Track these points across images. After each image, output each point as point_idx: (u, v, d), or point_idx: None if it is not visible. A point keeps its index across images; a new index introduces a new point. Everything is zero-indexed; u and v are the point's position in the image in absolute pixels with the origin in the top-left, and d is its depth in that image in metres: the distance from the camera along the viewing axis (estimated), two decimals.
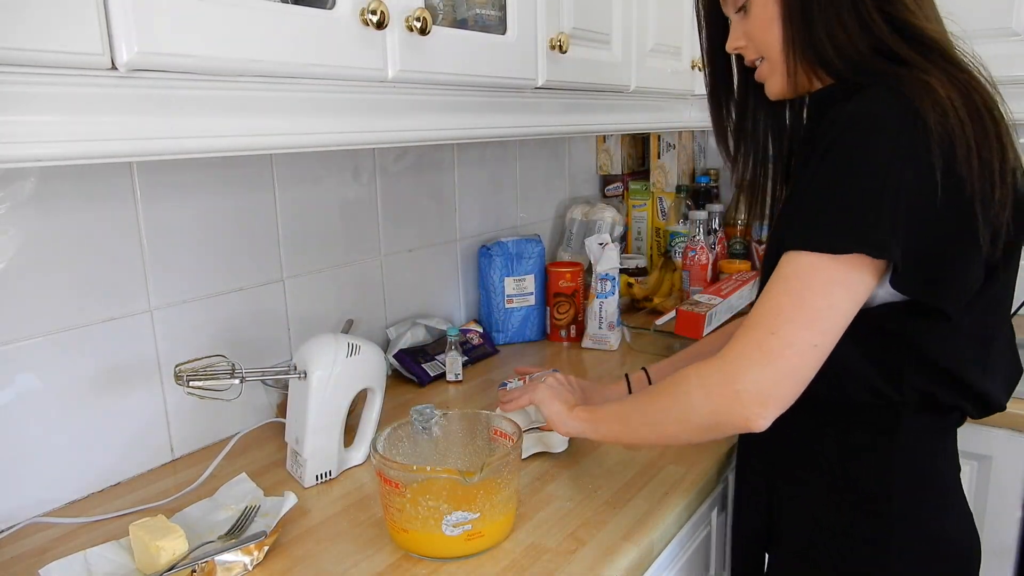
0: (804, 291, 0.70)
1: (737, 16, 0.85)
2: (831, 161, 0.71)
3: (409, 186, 1.46)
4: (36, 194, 0.92)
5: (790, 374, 0.71)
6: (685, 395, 0.77)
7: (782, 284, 0.71)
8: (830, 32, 0.76)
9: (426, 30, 0.86)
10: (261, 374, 1.01)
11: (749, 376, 0.71)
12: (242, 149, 0.75)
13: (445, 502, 0.82)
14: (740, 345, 0.72)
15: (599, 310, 1.57)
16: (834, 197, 0.70)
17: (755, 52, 0.85)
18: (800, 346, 0.70)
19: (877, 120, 0.70)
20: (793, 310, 0.70)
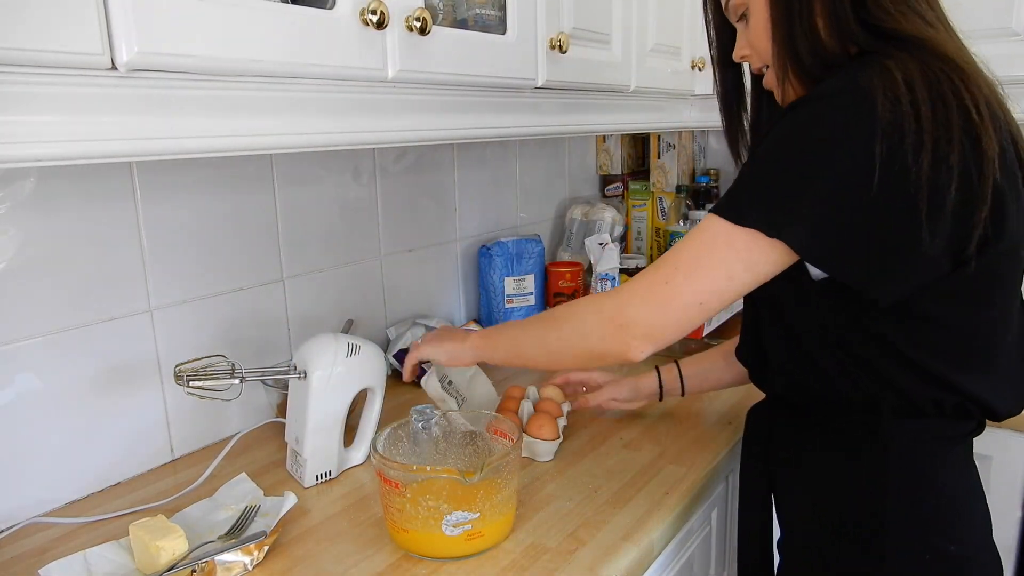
0: (704, 252, 0.74)
1: (740, 25, 0.86)
2: (769, 139, 0.73)
3: (409, 186, 1.46)
4: (36, 194, 0.92)
5: (673, 323, 0.77)
6: (580, 320, 0.82)
7: (690, 240, 0.76)
8: (810, 40, 0.76)
9: (426, 30, 0.86)
10: (261, 374, 1.01)
11: (639, 313, 0.77)
12: (242, 149, 0.75)
13: (445, 502, 0.82)
14: (637, 284, 0.79)
15: None
16: (754, 172, 0.73)
17: (759, 60, 0.85)
18: (687, 300, 0.75)
19: (820, 103, 0.70)
20: (689, 266, 0.75)
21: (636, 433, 1.16)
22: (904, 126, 0.66)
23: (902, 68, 0.69)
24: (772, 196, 0.71)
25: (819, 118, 0.69)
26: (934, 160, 0.66)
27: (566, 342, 0.84)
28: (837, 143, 0.68)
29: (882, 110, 0.67)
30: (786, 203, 0.69)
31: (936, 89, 0.68)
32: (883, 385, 0.78)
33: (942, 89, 0.68)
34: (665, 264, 0.77)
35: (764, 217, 0.70)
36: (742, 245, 0.72)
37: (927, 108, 0.67)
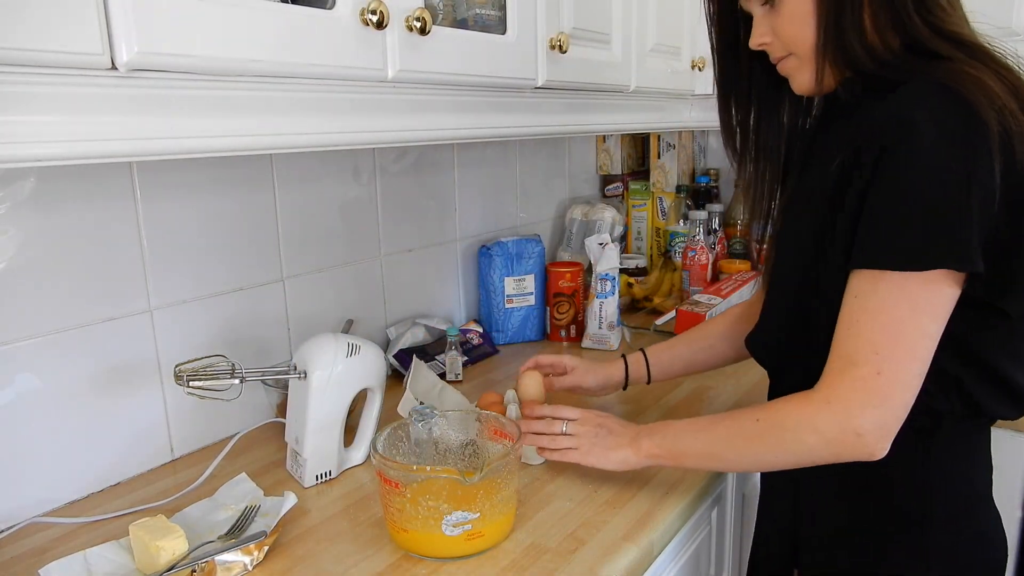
0: (896, 324, 0.70)
1: (763, 10, 0.82)
2: (896, 171, 0.69)
3: (409, 186, 1.46)
4: (36, 194, 0.92)
5: (902, 406, 0.72)
6: (797, 441, 0.76)
7: (870, 318, 0.71)
8: (860, 31, 0.75)
9: (426, 30, 0.86)
10: (261, 374, 1.01)
11: (867, 418, 0.71)
12: (242, 149, 0.75)
13: (445, 502, 0.82)
14: (849, 389, 0.72)
15: (599, 310, 1.57)
16: (908, 210, 0.68)
17: (782, 49, 0.82)
18: (907, 381, 0.71)
19: (938, 124, 0.68)
20: (891, 347, 0.70)
21: None
22: (1012, 135, 0.68)
23: (987, 77, 0.70)
24: (942, 231, 0.67)
25: (942, 141, 0.68)
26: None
27: (787, 458, 0.79)
28: (972, 161, 0.67)
29: (992, 122, 0.67)
30: (960, 234, 0.67)
31: (1018, 96, 0.70)
32: (950, 389, 0.77)
33: (1020, 96, 0.70)
34: (862, 354, 0.71)
35: (949, 253, 0.67)
36: (926, 294, 0.69)
37: (1020, 114, 0.69)
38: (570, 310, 1.63)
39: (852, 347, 0.72)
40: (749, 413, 0.81)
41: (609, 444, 0.92)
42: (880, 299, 0.70)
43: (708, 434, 0.85)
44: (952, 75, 0.70)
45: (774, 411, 0.79)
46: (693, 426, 0.88)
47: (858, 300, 0.72)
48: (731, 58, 0.90)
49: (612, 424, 0.94)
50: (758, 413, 0.80)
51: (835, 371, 0.73)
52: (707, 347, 1.14)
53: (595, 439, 0.93)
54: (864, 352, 0.71)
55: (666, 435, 0.89)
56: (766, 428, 0.79)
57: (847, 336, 0.73)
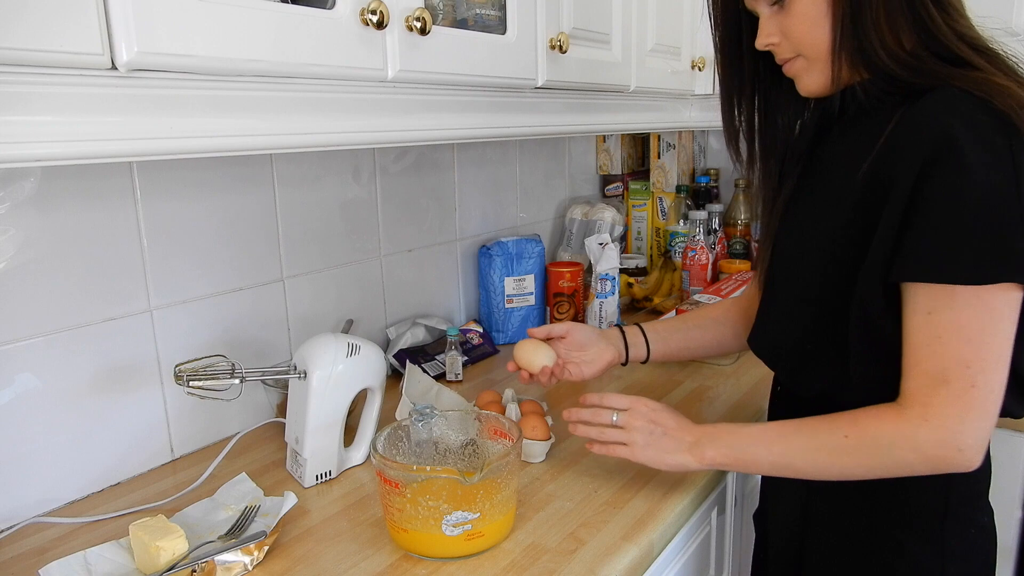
0: (980, 335, 0.70)
1: (771, 10, 0.81)
2: (946, 188, 0.69)
3: (409, 186, 1.46)
4: (36, 194, 0.92)
5: (996, 414, 0.73)
6: (893, 458, 0.75)
7: (953, 332, 0.71)
8: (880, 32, 0.74)
9: (426, 30, 0.86)
10: (261, 374, 1.01)
11: (968, 432, 0.72)
12: (242, 149, 0.75)
13: (445, 502, 0.82)
14: (942, 403, 0.72)
15: (599, 310, 1.57)
16: (970, 226, 0.69)
17: (791, 50, 0.81)
18: (998, 389, 0.72)
19: (980, 138, 0.69)
20: (978, 359, 0.71)
21: None
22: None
23: (1012, 85, 0.70)
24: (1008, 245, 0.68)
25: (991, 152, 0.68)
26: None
27: (879, 472, 0.77)
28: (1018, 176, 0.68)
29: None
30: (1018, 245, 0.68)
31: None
32: None
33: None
34: (951, 370, 0.71)
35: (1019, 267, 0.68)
36: (1000, 304, 0.70)
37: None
38: (570, 310, 1.63)
39: (940, 363, 0.72)
40: (832, 426, 0.79)
41: (666, 446, 0.88)
42: (959, 313, 0.71)
43: (784, 446, 0.82)
44: (980, 84, 0.71)
45: (864, 427, 0.77)
46: (764, 435, 0.84)
47: (933, 316, 0.71)
48: (735, 58, 0.89)
49: (667, 421, 0.90)
50: (844, 427, 0.78)
51: (925, 387, 0.73)
52: (701, 326, 1.13)
53: (649, 437, 0.89)
54: (954, 367, 0.71)
55: (733, 444, 0.85)
56: (857, 444, 0.77)
57: (931, 353, 0.72)
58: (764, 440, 0.84)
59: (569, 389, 1.34)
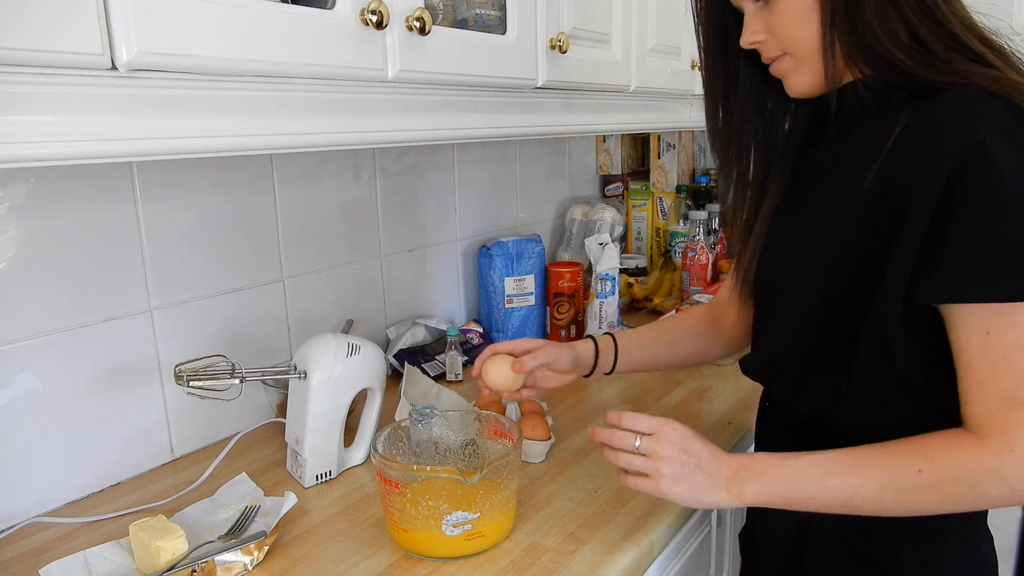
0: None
1: (755, 7, 0.76)
2: (983, 201, 0.64)
3: (409, 186, 1.46)
4: (36, 194, 0.92)
5: None
6: (977, 493, 0.68)
7: (1021, 349, 0.65)
8: (885, 23, 0.69)
9: (426, 30, 0.86)
10: (261, 374, 1.01)
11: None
12: (242, 149, 0.75)
13: (445, 502, 0.82)
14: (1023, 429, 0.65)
15: (599, 310, 1.57)
16: (1019, 233, 0.63)
17: (778, 48, 0.77)
18: None
19: (1011, 142, 0.64)
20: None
21: None
22: None
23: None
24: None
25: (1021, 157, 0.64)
26: None
27: (959, 508, 0.70)
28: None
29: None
30: None
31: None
32: None
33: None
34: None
35: None
36: None
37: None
38: (570, 310, 1.63)
39: (1012, 386, 0.65)
40: (901, 458, 0.70)
41: (700, 482, 0.77)
42: (1022, 330, 0.65)
43: (841, 481, 0.72)
44: (1000, 82, 0.67)
45: (941, 461, 0.68)
46: (816, 469, 0.73)
47: (993, 335, 0.66)
48: (720, 57, 0.85)
49: (700, 451, 0.78)
50: (916, 460, 0.69)
51: (1000, 412, 0.66)
52: (672, 343, 1.07)
53: (681, 469, 0.77)
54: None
55: (778, 480, 0.74)
56: (934, 481, 0.69)
57: (999, 374, 0.66)
58: (816, 475, 0.73)
59: (570, 389, 1.34)
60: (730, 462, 0.77)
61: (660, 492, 0.77)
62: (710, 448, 0.79)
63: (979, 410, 0.67)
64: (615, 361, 1.04)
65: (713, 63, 0.86)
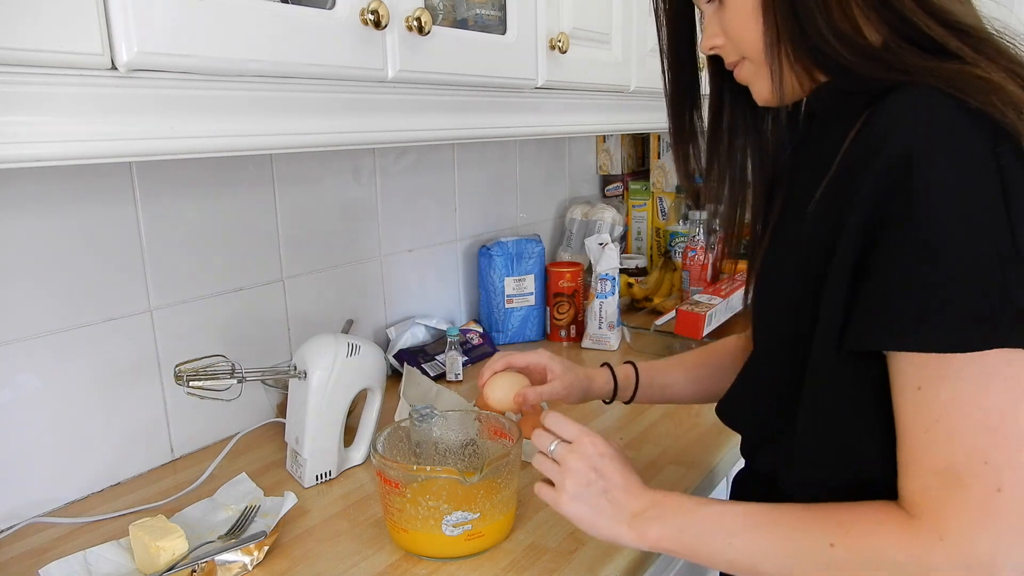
0: (996, 415, 0.53)
1: (710, 7, 0.68)
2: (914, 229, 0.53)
3: (409, 186, 1.46)
4: (36, 194, 0.92)
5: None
6: None
7: (958, 415, 0.53)
8: (832, 20, 0.60)
9: (426, 30, 0.86)
10: (261, 374, 1.01)
11: (1001, 554, 0.53)
12: (242, 149, 0.75)
13: (445, 502, 0.82)
14: (961, 514, 0.53)
15: (599, 310, 1.57)
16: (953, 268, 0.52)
17: (735, 52, 0.68)
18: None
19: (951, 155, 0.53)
20: (1000, 450, 0.53)
21: (636, 433, 1.16)
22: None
23: (1009, 81, 0.55)
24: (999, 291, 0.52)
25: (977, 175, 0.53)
26: None
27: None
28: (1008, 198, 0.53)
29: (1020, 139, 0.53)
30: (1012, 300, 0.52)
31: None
32: None
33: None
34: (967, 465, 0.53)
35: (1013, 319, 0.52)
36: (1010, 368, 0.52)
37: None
38: (570, 310, 1.63)
39: (947, 457, 0.54)
40: (818, 526, 0.60)
41: (602, 509, 0.69)
42: (958, 388, 0.53)
43: (747, 540, 0.63)
44: (953, 78, 0.55)
45: (858, 537, 0.57)
46: (727, 522, 0.64)
47: (926, 392, 0.54)
48: (686, 63, 0.77)
49: (612, 476, 0.70)
50: (831, 532, 0.58)
51: (934, 491, 0.55)
52: (697, 380, 0.98)
53: (585, 488, 0.70)
54: (970, 464, 0.53)
55: (685, 527, 0.66)
56: (847, 559, 0.58)
57: (932, 441, 0.54)
58: (725, 529, 0.64)
59: None
60: (641, 497, 0.69)
61: (559, 506, 0.71)
62: (626, 475, 0.71)
63: (911, 483, 0.56)
64: (635, 393, 0.97)
65: (679, 71, 0.78)
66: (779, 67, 0.63)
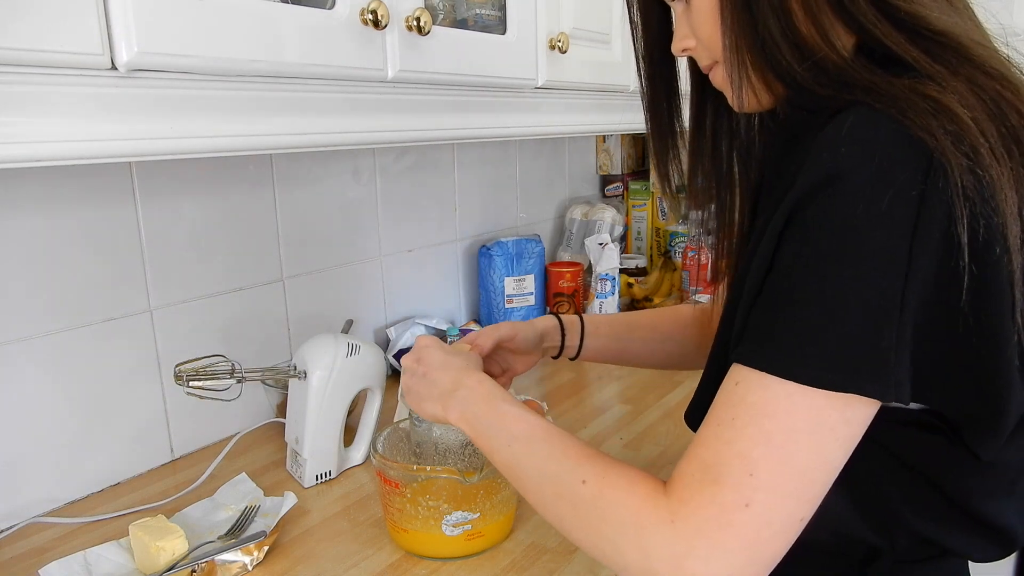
0: (786, 442, 0.49)
1: (679, 6, 0.64)
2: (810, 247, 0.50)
3: (409, 186, 1.46)
4: (36, 194, 0.92)
5: (765, 560, 0.51)
6: (612, 543, 0.55)
7: (752, 419, 0.50)
8: (790, 28, 0.55)
9: (426, 30, 0.86)
10: (261, 374, 1.01)
11: (714, 566, 0.50)
12: (242, 149, 0.75)
13: (445, 502, 0.82)
14: (701, 511, 0.51)
15: (599, 310, 1.57)
16: (823, 307, 0.49)
17: (707, 55, 0.64)
18: (783, 523, 0.50)
19: (872, 180, 0.48)
20: (772, 472, 0.49)
21: (636, 433, 1.16)
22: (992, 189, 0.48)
23: (960, 97, 0.50)
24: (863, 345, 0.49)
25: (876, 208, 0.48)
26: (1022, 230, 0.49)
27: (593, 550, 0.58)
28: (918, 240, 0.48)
29: (957, 173, 0.47)
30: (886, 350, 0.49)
31: (1003, 121, 0.50)
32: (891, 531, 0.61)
33: (1008, 121, 0.50)
34: (732, 469, 0.50)
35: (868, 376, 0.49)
36: (834, 415, 0.49)
37: (1003, 154, 0.49)
38: (570, 310, 1.63)
39: (719, 454, 0.51)
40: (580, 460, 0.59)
41: (422, 391, 0.74)
42: (769, 397, 0.50)
43: (521, 448, 0.63)
44: (897, 98, 0.50)
45: (607, 487, 0.56)
46: (511, 424, 0.65)
47: (739, 389, 0.52)
48: (663, 66, 0.73)
49: (432, 359, 0.74)
50: (588, 473, 0.58)
51: (694, 478, 0.52)
52: (645, 341, 0.96)
53: (411, 379, 0.76)
54: (735, 468, 0.50)
55: (480, 416, 0.68)
56: (586, 500, 0.57)
57: (716, 435, 0.52)
58: (508, 431, 0.65)
59: (570, 388, 1.34)
60: (455, 377, 0.72)
61: (406, 398, 0.76)
62: (446, 358, 0.74)
63: (682, 465, 0.54)
64: (580, 345, 0.95)
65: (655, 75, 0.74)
66: (738, 75, 0.58)
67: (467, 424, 0.69)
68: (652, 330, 0.98)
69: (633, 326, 0.98)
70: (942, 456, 0.58)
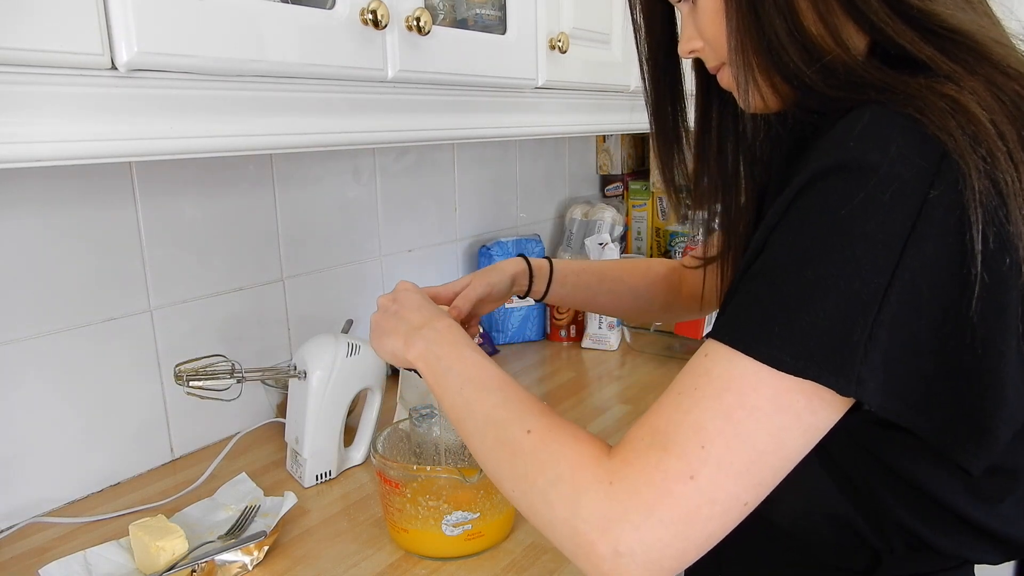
0: (746, 419, 0.47)
1: (685, 7, 0.62)
2: (801, 230, 0.49)
3: (409, 186, 1.46)
4: (36, 194, 0.92)
5: (699, 540, 0.48)
6: (544, 497, 0.53)
7: (713, 391, 0.49)
8: (798, 28, 0.53)
9: (426, 30, 0.86)
10: (261, 374, 1.01)
11: (643, 536, 0.48)
12: (242, 149, 0.75)
13: (445, 502, 0.82)
14: (643, 475, 0.48)
15: None
16: (800, 290, 0.47)
17: (714, 56, 0.62)
18: (726, 504, 0.48)
19: (878, 172, 0.46)
20: (726, 447, 0.47)
21: None
22: (1006, 193, 0.46)
23: (978, 97, 0.47)
24: (832, 334, 0.46)
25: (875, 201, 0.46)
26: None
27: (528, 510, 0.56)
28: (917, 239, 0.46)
29: (974, 175, 0.45)
30: (855, 345, 0.46)
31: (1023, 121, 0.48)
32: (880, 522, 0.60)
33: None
34: (683, 438, 0.48)
35: (831, 367, 0.46)
36: (799, 400, 0.47)
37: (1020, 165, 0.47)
38: (570, 310, 1.63)
39: (673, 421, 0.49)
40: (526, 410, 0.58)
41: (387, 327, 0.72)
42: (735, 372, 0.48)
43: (471, 393, 0.62)
44: (914, 98, 0.48)
45: (551, 440, 0.55)
46: (467, 369, 0.64)
47: (706, 361, 0.51)
48: (667, 68, 0.72)
49: (408, 301, 0.73)
50: (534, 424, 0.56)
51: (642, 443, 0.50)
52: (613, 292, 0.98)
53: (382, 316, 0.73)
54: (687, 438, 0.48)
55: (440, 358, 0.66)
56: (528, 449, 0.55)
57: (673, 403, 0.50)
58: (463, 376, 0.63)
59: (570, 388, 1.34)
60: (426, 317, 0.70)
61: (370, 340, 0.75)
62: (421, 301, 0.73)
63: (633, 430, 0.52)
64: (548, 287, 0.95)
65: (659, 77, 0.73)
66: (744, 77, 0.56)
67: (424, 363, 0.67)
68: (620, 283, 0.99)
69: (603, 277, 0.99)
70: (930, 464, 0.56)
